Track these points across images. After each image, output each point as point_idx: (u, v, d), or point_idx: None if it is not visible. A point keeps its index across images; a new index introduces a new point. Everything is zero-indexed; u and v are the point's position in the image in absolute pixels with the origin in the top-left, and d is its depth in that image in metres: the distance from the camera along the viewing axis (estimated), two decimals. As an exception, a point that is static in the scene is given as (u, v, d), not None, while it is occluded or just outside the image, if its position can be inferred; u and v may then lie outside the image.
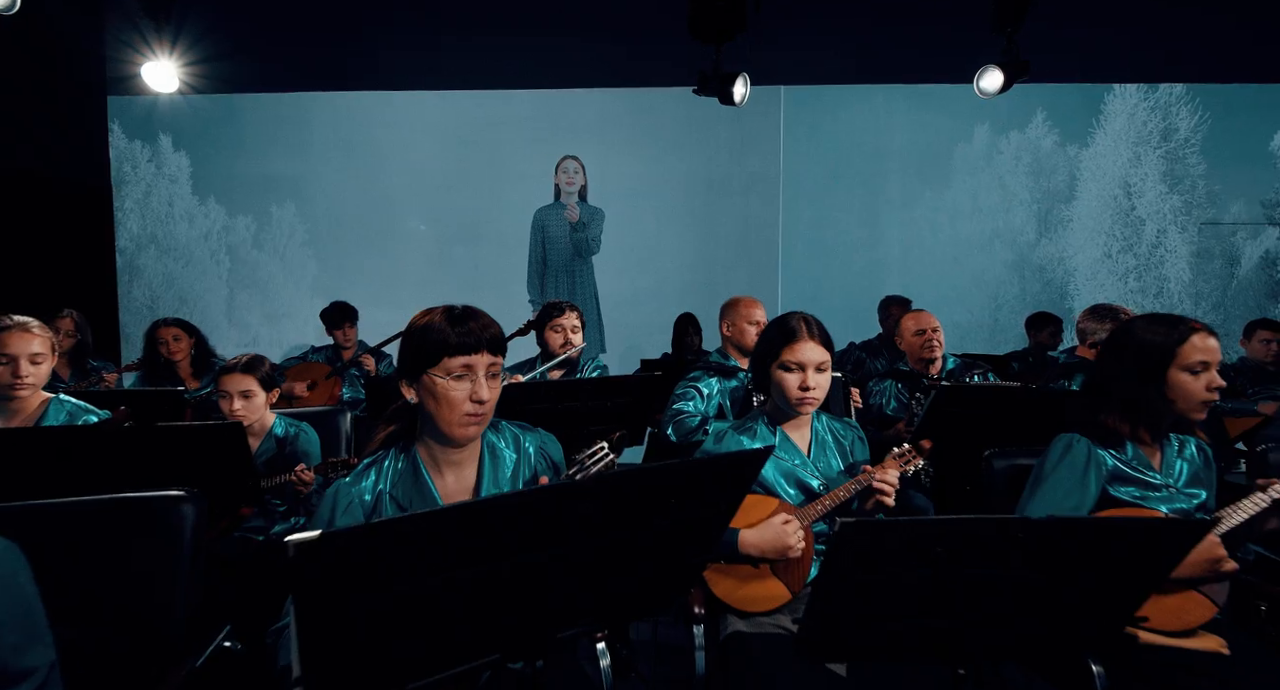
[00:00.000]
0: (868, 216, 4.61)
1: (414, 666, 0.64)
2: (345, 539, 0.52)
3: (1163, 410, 1.33)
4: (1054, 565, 0.80)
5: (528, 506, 0.60)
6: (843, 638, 0.85)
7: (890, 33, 4.38)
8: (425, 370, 0.99)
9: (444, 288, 4.81)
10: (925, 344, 2.39)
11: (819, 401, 1.39)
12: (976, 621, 0.83)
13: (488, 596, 0.63)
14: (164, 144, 5.03)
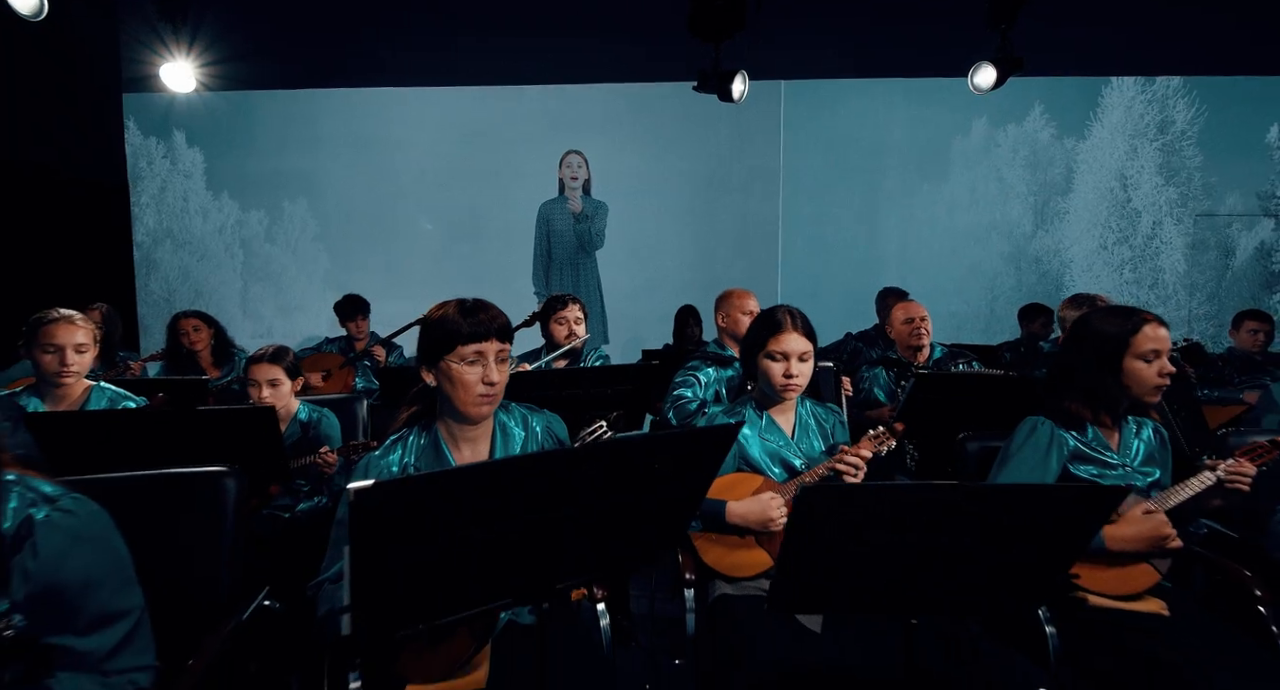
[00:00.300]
0: (866, 210, 4.70)
1: (441, 603, 0.77)
2: (392, 487, 0.66)
3: (1119, 395, 1.44)
4: (990, 527, 0.92)
5: (538, 467, 0.74)
6: (807, 591, 0.98)
7: (889, 28, 4.44)
8: (442, 357, 1.12)
9: (451, 280, 4.94)
10: (914, 332, 2.50)
11: (802, 388, 1.52)
12: (923, 577, 0.95)
13: (503, 545, 0.76)
14: (178, 140, 5.16)
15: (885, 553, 0.93)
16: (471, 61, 4.83)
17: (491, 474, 0.73)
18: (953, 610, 1.05)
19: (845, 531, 0.90)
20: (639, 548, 0.93)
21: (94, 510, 0.89)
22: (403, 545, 0.69)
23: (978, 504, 0.92)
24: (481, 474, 0.72)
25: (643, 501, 0.86)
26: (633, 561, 1.00)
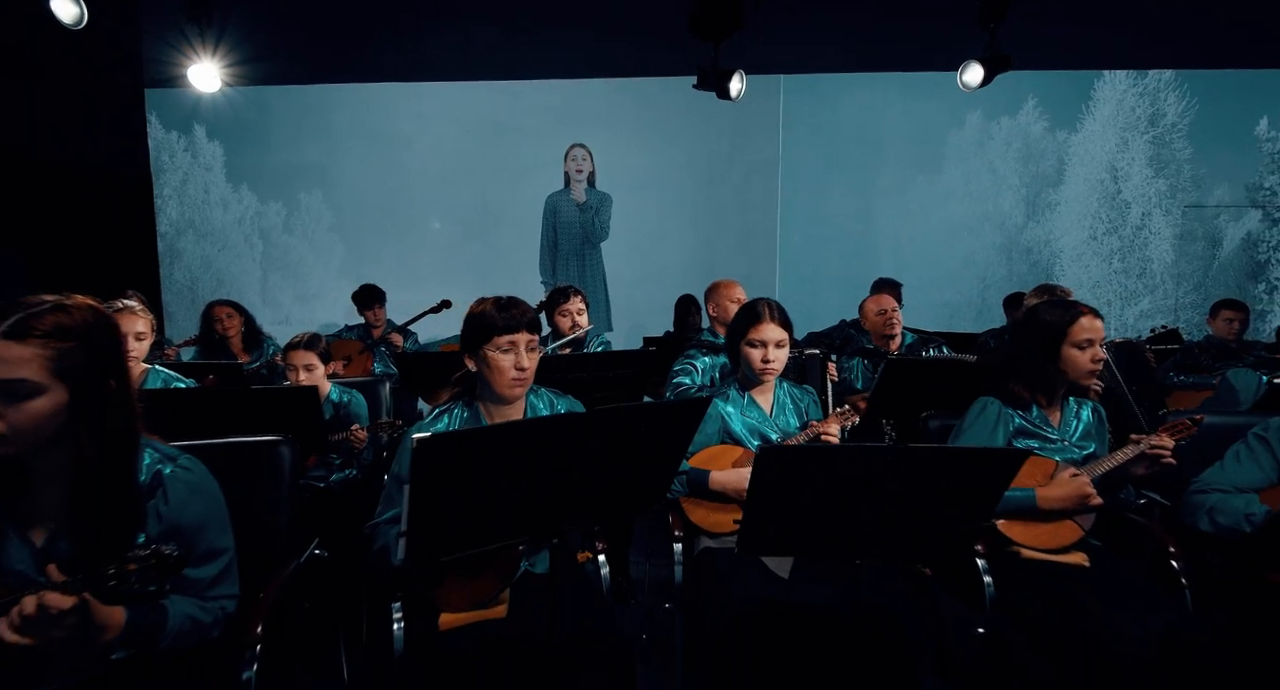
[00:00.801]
0: (862, 201, 4.86)
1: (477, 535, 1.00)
2: (446, 437, 0.88)
3: (1056, 378, 1.65)
4: (919, 483, 1.13)
5: (556, 427, 0.96)
6: (768, 536, 1.20)
7: (886, 24, 4.57)
8: (481, 346, 1.35)
9: (461, 269, 5.16)
10: (885, 322, 2.70)
11: (778, 371, 1.73)
12: (865, 525, 1.17)
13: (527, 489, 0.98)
14: (199, 134, 5.38)
15: (832, 504, 1.14)
16: (479, 57, 4.99)
17: (521, 431, 0.95)
18: (890, 554, 1.27)
19: (797, 485, 1.11)
20: (634, 494, 1.15)
21: (205, 469, 1.12)
22: (450, 486, 0.91)
23: (909, 463, 1.13)
24: (514, 431, 0.95)
25: (637, 456, 1.08)
26: (629, 506, 1.22)
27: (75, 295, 1.04)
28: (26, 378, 0.92)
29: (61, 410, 0.96)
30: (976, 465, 1.13)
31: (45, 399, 0.94)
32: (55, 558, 0.96)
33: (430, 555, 0.97)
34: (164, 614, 1.04)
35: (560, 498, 1.04)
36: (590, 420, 0.99)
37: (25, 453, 0.98)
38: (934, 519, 1.18)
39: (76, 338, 0.96)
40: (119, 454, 1.02)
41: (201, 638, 1.09)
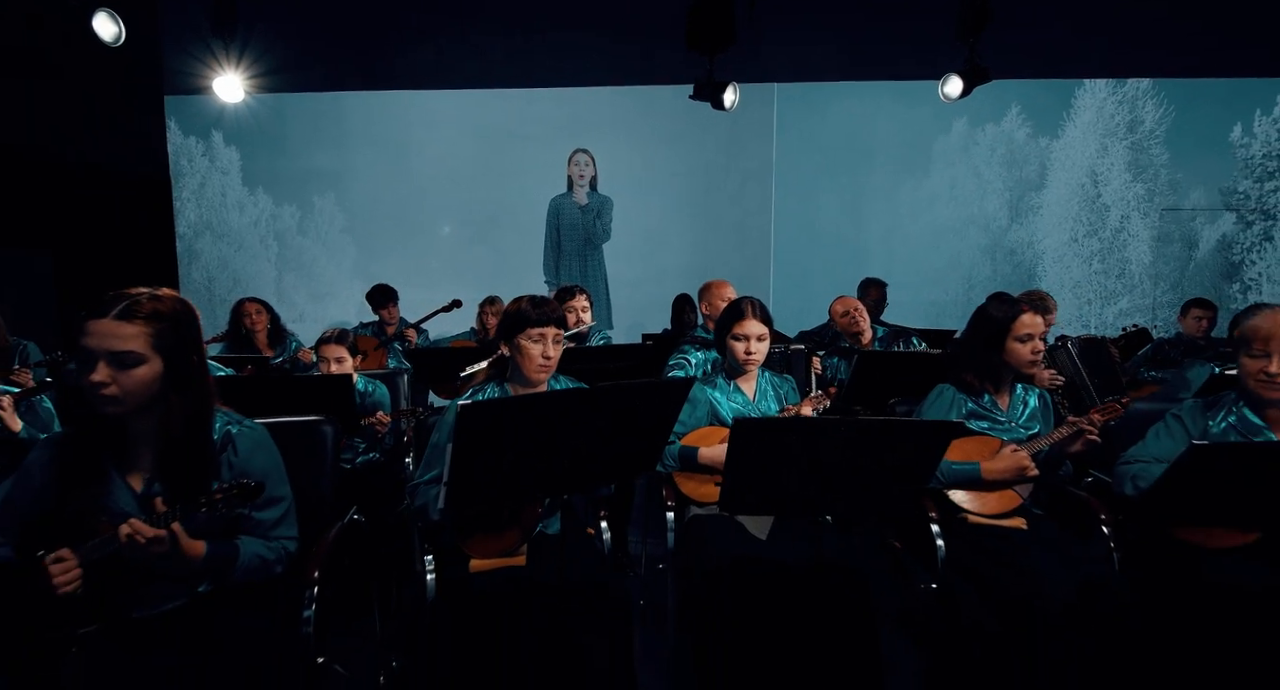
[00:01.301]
0: (853, 205, 5.10)
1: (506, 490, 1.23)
2: (485, 405, 1.11)
3: (1001, 368, 1.88)
4: (869, 450, 1.36)
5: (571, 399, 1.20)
6: (745, 496, 1.43)
7: (876, 35, 4.80)
8: (515, 335, 1.60)
9: (468, 269, 5.40)
10: (850, 321, 2.94)
11: (759, 361, 1.96)
12: (826, 486, 1.40)
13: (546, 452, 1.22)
14: (216, 139, 5.62)
15: (798, 468, 1.38)
16: (486, 66, 5.23)
17: (543, 402, 1.19)
18: (848, 511, 1.51)
19: (768, 453, 1.35)
20: (632, 459, 1.38)
21: (265, 430, 1.37)
22: (485, 446, 1.14)
23: (861, 433, 1.36)
24: (537, 401, 1.19)
25: (633, 427, 1.31)
26: (628, 470, 1.46)
27: (163, 288, 1.28)
28: (133, 349, 1.16)
29: (158, 378, 1.20)
30: (917, 435, 1.36)
31: (147, 368, 1.18)
32: (151, 499, 1.20)
33: (466, 505, 1.21)
34: (236, 550, 1.28)
35: (572, 460, 1.28)
36: (596, 395, 1.23)
37: (129, 413, 1.22)
38: (884, 481, 1.41)
39: (168, 320, 1.21)
40: (199, 414, 1.27)
41: (267, 572, 1.33)
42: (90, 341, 1.16)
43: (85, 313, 1.20)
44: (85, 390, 1.18)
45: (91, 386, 1.16)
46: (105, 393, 1.16)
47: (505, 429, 1.15)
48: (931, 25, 4.44)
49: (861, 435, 1.35)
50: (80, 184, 5.17)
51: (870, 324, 3.10)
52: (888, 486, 1.42)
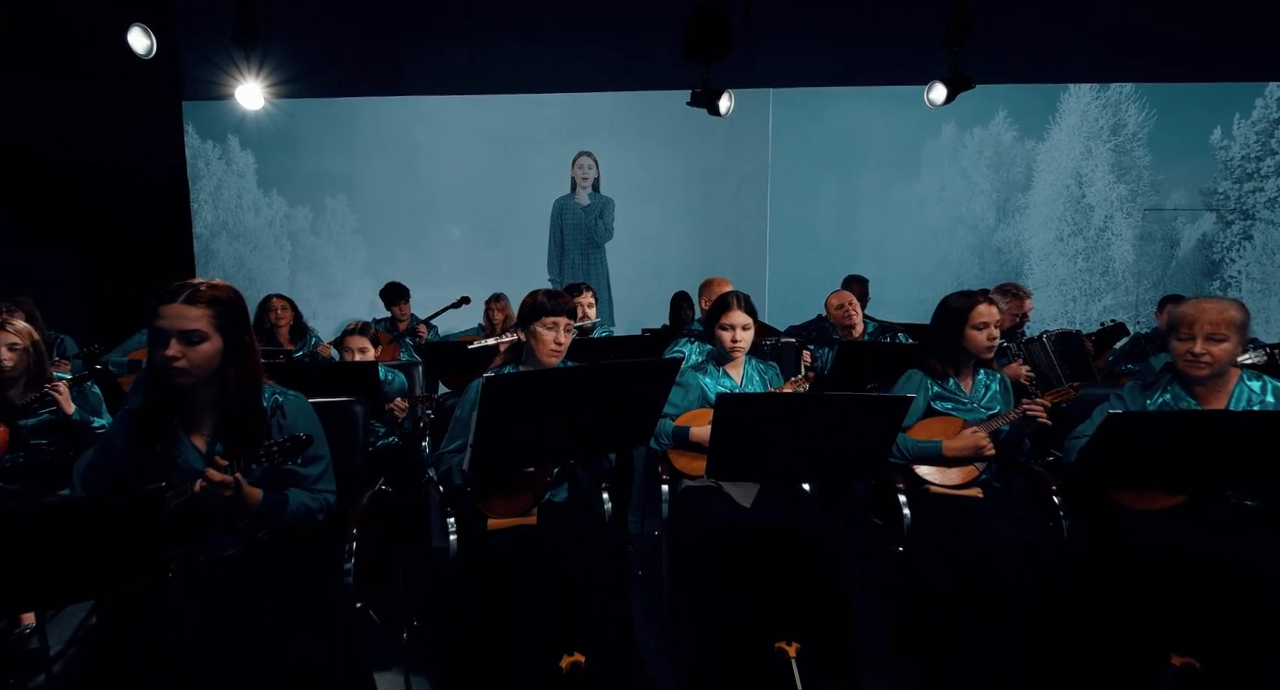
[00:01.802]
0: (845, 205, 5.31)
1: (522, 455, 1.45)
2: (506, 378, 1.33)
3: (961, 354, 2.09)
4: (835, 422, 1.58)
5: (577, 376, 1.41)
6: (728, 463, 1.64)
7: (868, 42, 5.01)
8: (531, 322, 1.82)
9: (475, 268, 5.62)
10: (844, 314, 3.16)
11: (744, 349, 2.18)
12: (798, 455, 1.61)
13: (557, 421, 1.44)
14: (232, 144, 5.86)
15: (774, 439, 1.59)
16: (493, 72, 5.45)
17: (555, 377, 1.41)
18: (819, 477, 1.72)
19: (746, 424, 1.57)
20: (629, 430, 1.61)
21: (306, 399, 1.59)
22: (506, 415, 1.36)
23: (827, 407, 1.58)
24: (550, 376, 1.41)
25: (630, 402, 1.53)
26: (626, 439, 1.68)
27: (216, 279, 1.51)
28: (199, 328, 1.39)
29: (218, 353, 1.42)
30: (873, 408, 1.58)
31: (210, 344, 1.41)
32: (214, 456, 1.42)
33: (488, 465, 1.43)
34: (286, 498, 1.50)
35: (578, 429, 1.50)
36: (599, 372, 1.45)
37: (194, 384, 1.44)
38: (847, 448, 1.63)
39: (224, 304, 1.43)
40: (252, 383, 1.49)
41: (311, 520, 1.55)
42: (162, 322, 1.38)
43: (155, 300, 1.42)
44: (159, 364, 1.40)
45: (165, 360, 1.38)
46: (176, 365, 1.39)
47: (522, 399, 1.37)
48: (920, 34, 4.64)
49: (827, 409, 1.57)
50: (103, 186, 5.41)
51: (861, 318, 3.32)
52: (851, 453, 1.64)
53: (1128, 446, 1.56)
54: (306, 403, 1.60)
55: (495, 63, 5.39)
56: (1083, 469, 1.64)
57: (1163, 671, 1.63)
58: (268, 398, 1.54)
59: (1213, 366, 1.83)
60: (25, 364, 2.34)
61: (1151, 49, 4.99)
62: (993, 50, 4.64)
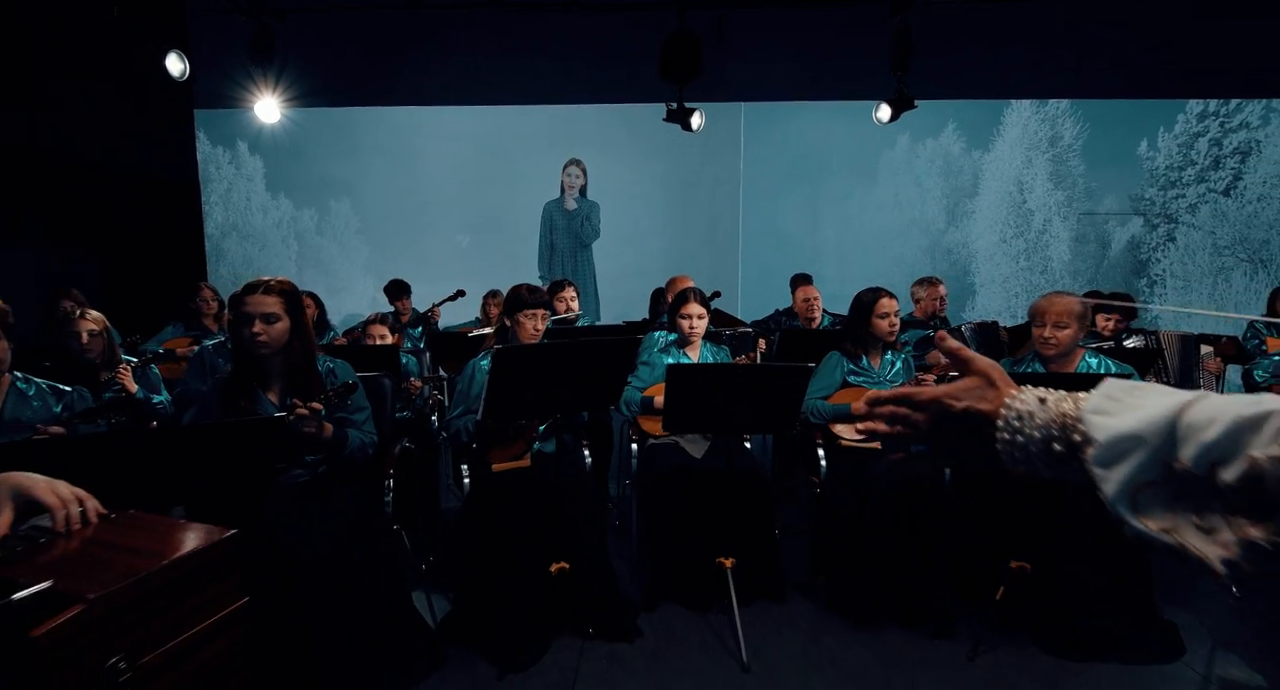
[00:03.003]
0: (810, 210, 5.86)
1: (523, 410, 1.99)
2: (510, 350, 1.87)
3: (868, 338, 2.65)
4: (759, 386, 2.12)
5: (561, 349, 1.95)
6: (679, 420, 2.18)
7: (829, 61, 5.55)
8: (515, 312, 2.35)
9: (471, 267, 6.12)
10: (808, 307, 3.71)
11: (700, 334, 2.72)
12: (733, 413, 2.16)
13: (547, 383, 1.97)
14: (242, 149, 6.32)
15: (710, 398, 2.13)
16: (487, 85, 5.94)
17: (546, 349, 1.95)
18: (751, 430, 2.27)
19: (691, 388, 2.11)
20: (600, 391, 2.14)
21: (348, 364, 2.11)
22: (510, 379, 1.90)
23: (749, 375, 2.12)
24: (542, 348, 1.95)
25: (603, 370, 2.07)
26: (598, 399, 2.22)
27: (281, 277, 2.02)
28: (274, 311, 1.91)
29: (287, 330, 1.94)
30: (784, 375, 2.13)
31: (282, 323, 1.93)
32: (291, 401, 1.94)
33: (499, 418, 1.96)
34: (346, 434, 2.03)
35: (562, 392, 2.03)
36: (578, 346, 1.99)
37: (270, 354, 1.95)
38: (767, 405, 2.18)
39: (289, 294, 1.95)
40: (311, 352, 2.01)
41: (364, 453, 2.07)
42: (247, 308, 1.90)
43: (240, 292, 1.94)
44: (245, 339, 1.92)
45: (250, 335, 1.90)
46: (259, 339, 1.91)
47: (523, 366, 1.91)
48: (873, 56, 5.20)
49: (749, 376, 2.12)
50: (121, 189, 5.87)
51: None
52: (770, 409, 2.19)
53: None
54: (349, 366, 2.12)
55: (489, 76, 5.88)
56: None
57: (1004, 572, 2.19)
58: (321, 364, 2.07)
59: (1058, 347, 2.38)
60: (101, 348, 2.84)
61: (1086, 69, 5.57)
62: (942, 69, 5.23)
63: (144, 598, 0.90)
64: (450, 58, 5.82)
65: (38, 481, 1.00)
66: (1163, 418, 0.42)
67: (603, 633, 2.19)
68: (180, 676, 0.94)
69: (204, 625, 0.98)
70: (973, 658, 2.10)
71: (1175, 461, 0.41)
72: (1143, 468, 0.43)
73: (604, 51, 5.59)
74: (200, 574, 0.98)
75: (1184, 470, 0.41)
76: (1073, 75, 5.60)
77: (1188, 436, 0.41)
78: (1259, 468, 0.38)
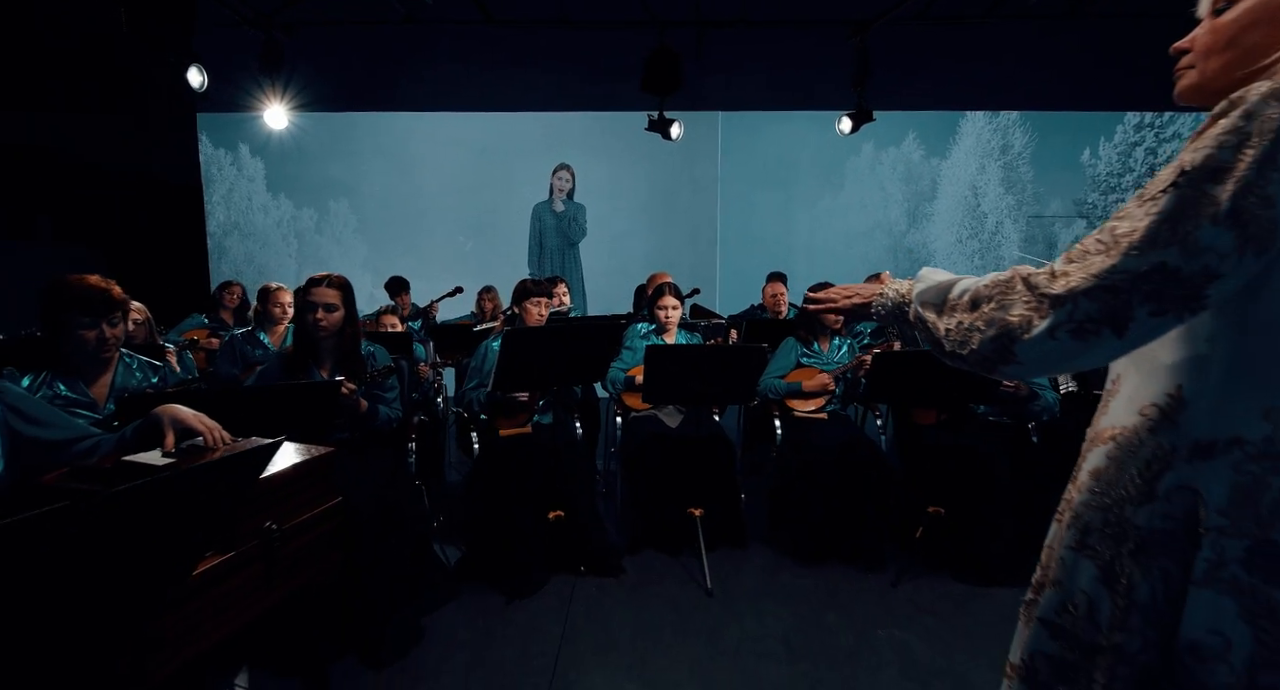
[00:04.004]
0: (782, 212, 6.34)
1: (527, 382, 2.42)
2: (517, 331, 2.30)
3: (818, 326, 3.11)
4: (720, 363, 2.57)
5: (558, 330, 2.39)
6: (656, 393, 2.63)
7: (801, 75, 6.03)
8: (522, 301, 2.79)
9: (465, 265, 6.51)
10: (775, 301, 4.17)
11: (675, 323, 3.17)
12: (703, 387, 2.60)
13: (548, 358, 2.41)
14: (243, 151, 6.65)
15: (681, 374, 2.58)
16: (480, 92, 6.34)
17: (547, 331, 2.39)
18: (713, 400, 2.72)
19: (665, 365, 2.55)
20: (593, 368, 2.58)
21: (384, 348, 2.53)
22: (517, 357, 2.33)
23: (713, 353, 2.57)
24: (543, 330, 2.38)
25: (592, 348, 2.51)
26: (587, 374, 2.66)
27: (337, 273, 2.44)
28: (333, 302, 2.33)
29: (343, 317, 2.36)
30: (743, 354, 2.58)
31: (339, 312, 2.35)
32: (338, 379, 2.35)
33: (507, 388, 2.40)
34: (378, 408, 2.45)
35: (559, 368, 2.47)
36: (573, 328, 2.42)
37: (327, 336, 2.36)
38: (729, 380, 2.63)
39: (346, 289, 2.38)
40: (357, 338, 2.43)
41: (390, 423, 2.50)
42: (313, 298, 2.32)
43: (307, 284, 2.36)
44: (308, 324, 2.33)
45: (314, 321, 2.32)
46: (321, 324, 2.32)
47: (528, 344, 2.34)
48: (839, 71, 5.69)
49: (714, 355, 2.57)
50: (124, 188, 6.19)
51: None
52: (731, 384, 2.64)
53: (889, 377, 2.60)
54: (386, 351, 2.54)
55: (483, 85, 6.28)
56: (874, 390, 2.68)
57: (923, 516, 2.67)
58: (364, 347, 2.49)
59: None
60: (144, 335, 3.22)
61: (1034, 84, 6.11)
62: (902, 83, 5.73)
63: (282, 484, 1.33)
64: (446, 68, 6.21)
65: (189, 413, 1.42)
66: (943, 280, 0.88)
67: (592, 569, 2.63)
68: (304, 542, 1.38)
69: (316, 510, 1.41)
70: (895, 585, 2.57)
71: (948, 295, 0.86)
72: (929, 293, 0.88)
73: (591, 64, 6.02)
74: (312, 475, 1.42)
75: (944, 299, 0.87)
76: (1022, 89, 6.15)
77: (944, 287, 0.87)
78: (959, 296, 0.85)
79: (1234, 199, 0.70)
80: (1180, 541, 0.79)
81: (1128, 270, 0.73)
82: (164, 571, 0.98)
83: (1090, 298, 0.75)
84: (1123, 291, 0.74)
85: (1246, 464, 0.76)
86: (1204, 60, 0.86)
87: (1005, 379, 2.54)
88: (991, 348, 0.81)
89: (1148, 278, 0.73)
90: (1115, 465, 0.85)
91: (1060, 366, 0.81)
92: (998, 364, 0.82)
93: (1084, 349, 0.77)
